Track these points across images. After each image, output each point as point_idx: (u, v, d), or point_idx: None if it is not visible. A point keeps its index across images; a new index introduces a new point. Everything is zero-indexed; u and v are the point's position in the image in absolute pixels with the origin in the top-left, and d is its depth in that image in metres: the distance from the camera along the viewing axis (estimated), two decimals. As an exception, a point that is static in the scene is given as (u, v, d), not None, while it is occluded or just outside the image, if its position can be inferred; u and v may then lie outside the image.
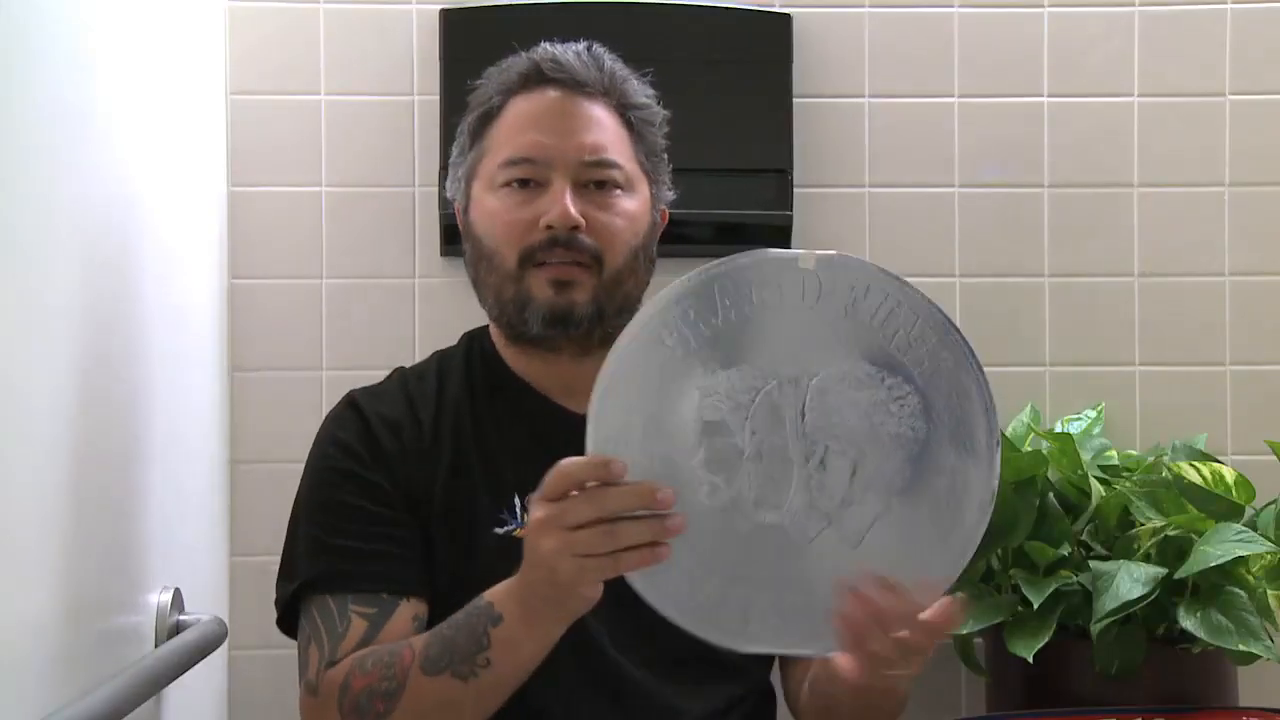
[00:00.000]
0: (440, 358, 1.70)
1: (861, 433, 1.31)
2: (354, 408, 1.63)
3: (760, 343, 1.31)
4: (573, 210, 1.56)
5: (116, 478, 1.60)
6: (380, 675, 1.47)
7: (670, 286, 1.30)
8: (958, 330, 1.32)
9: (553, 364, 1.62)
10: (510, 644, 1.41)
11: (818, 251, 1.32)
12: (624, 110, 1.63)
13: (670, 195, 1.69)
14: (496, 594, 1.43)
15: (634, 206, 1.61)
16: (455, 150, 1.67)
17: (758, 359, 1.31)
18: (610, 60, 1.64)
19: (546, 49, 1.63)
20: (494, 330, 1.67)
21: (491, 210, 1.60)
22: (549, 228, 1.56)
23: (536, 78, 1.61)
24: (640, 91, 1.65)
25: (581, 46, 1.64)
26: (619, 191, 1.60)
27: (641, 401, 1.31)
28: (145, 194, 1.71)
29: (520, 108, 1.61)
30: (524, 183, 1.58)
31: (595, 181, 1.59)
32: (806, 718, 1.64)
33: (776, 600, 1.33)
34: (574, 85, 1.61)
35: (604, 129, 1.61)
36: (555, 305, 1.56)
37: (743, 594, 1.33)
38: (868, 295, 1.31)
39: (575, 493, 1.29)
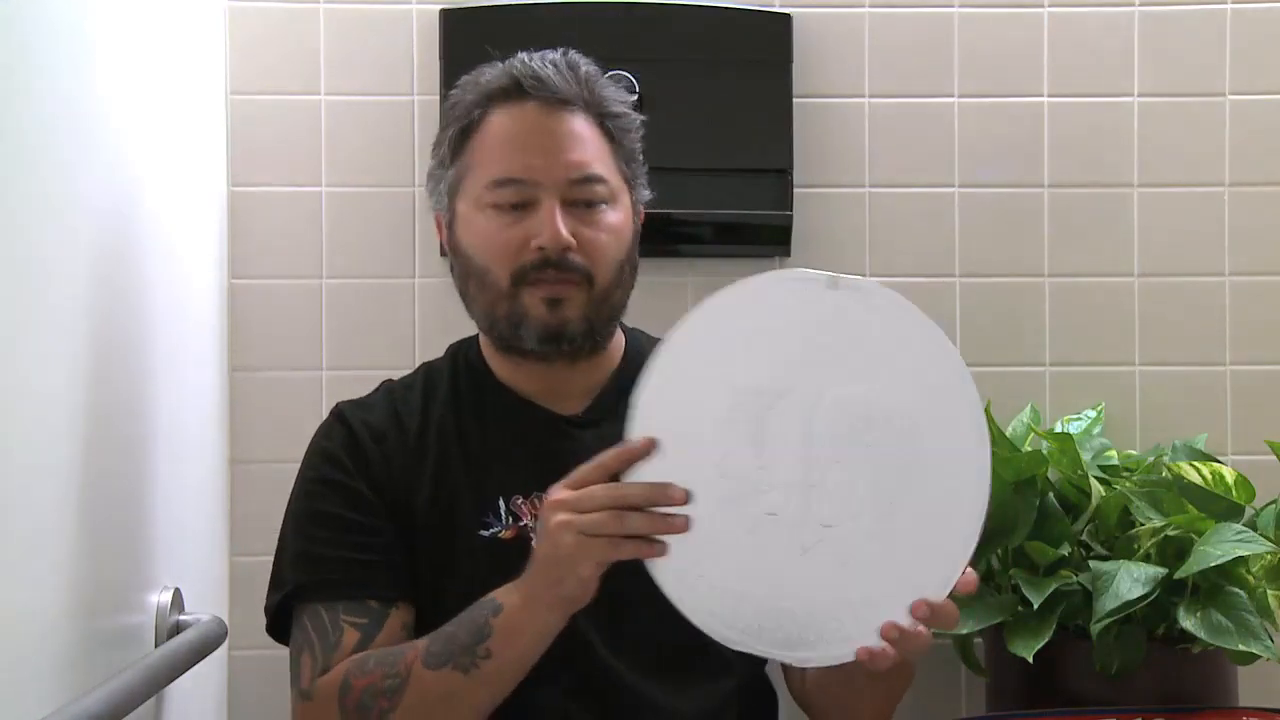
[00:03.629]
0: (427, 369, 1.72)
1: (861, 456, 1.36)
2: (340, 419, 1.66)
3: (788, 354, 1.37)
4: (564, 232, 1.57)
5: (117, 478, 1.60)
6: (383, 674, 1.49)
7: (718, 296, 1.39)
8: (965, 370, 1.37)
9: (540, 371, 1.64)
10: (509, 632, 1.45)
11: (846, 275, 1.39)
12: (602, 120, 1.63)
13: (647, 196, 1.69)
14: (500, 590, 1.47)
15: (618, 219, 1.62)
16: (434, 161, 1.67)
17: (784, 369, 1.37)
18: (586, 66, 1.63)
19: (524, 61, 1.62)
20: (484, 339, 1.68)
21: (481, 230, 1.60)
22: (540, 249, 1.57)
23: (515, 91, 1.61)
24: (616, 98, 1.65)
25: (558, 55, 1.63)
26: (604, 206, 1.61)
27: (680, 397, 1.37)
28: (145, 194, 1.71)
29: (501, 123, 1.61)
30: (514, 204, 1.59)
31: (582, 199, 1.60)
32: (812, 702, 1.65)
33: (772, 606, 1.38)
34: (554, 100, 1.60)
35: (586, 144, 1.61)
36: (548, 323, 1.59)
37: (747, 598, 1.38)
38: (895, 325, 1.37)
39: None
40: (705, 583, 1.38)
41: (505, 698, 1.50)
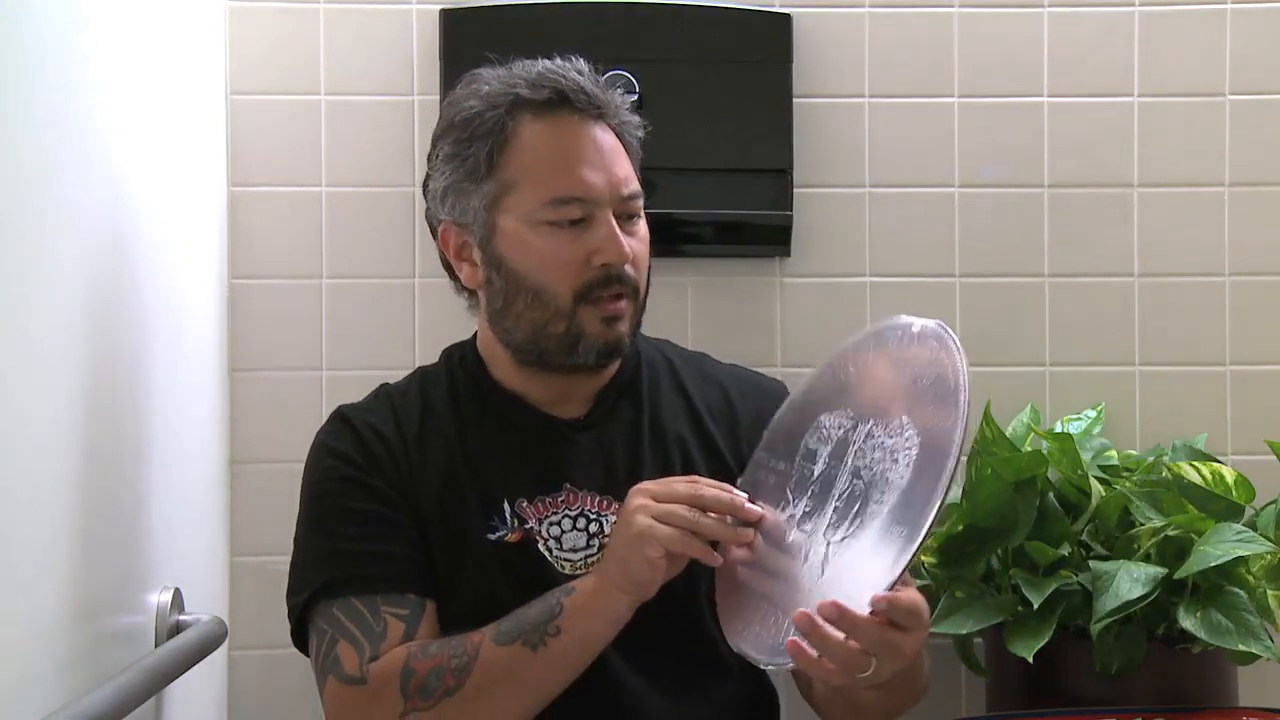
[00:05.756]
0: (423, 374, 1.72)
1: (878, 475, 1.43)
2: (344, 421, 1.65)
3: (866, 388, 1.51)
4: (627, 248, 1.59)
5: (117, 478, 1.60)
6: (449, 654, 1.51)
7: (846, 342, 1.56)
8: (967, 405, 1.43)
9: (559, 381, 1.64)
10: (579, 611, 1.50)
11: (928, 322, 1.49)
12: (620, 129, 1.63)
13: None
14: (579, 579, 1.53)
15: (646, 228, 1.65)
16: (453, 171, 1.62)
17: (857, 402, 1.50)
18: (596, 75, 1.63)
19: (557, 71, 1.60)
20: (489, 346, 1.67)
21: (539, 248, 1.58)
22: (604, 265, 1.58)
23: (559, 103, 1.59)
24: (625, 105, 1.65)
25: (585, 67, 1.63)
26: (640, 218, 1.63)
27: (795, 418, 1.56)
28: (145, 194, 1.71)
29: (543, 136, 1.59)
30: (574, 221, 1.58)
31: (627, 214, 1.61)
32: (823, 705, 1.66)
33: (767, 610, 1.45)
34: (591, 112, 1.60)
35: (624, 158, 1.62)
36: (607, 340, 1.60)
37: (753, 601, 1.48)
38: (930, 367, 1.45)
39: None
40: (740, 585, 1.49)
41: (563, 687, 1.51)
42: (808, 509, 1.47)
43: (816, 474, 1.49)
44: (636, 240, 1.61)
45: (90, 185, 1.53)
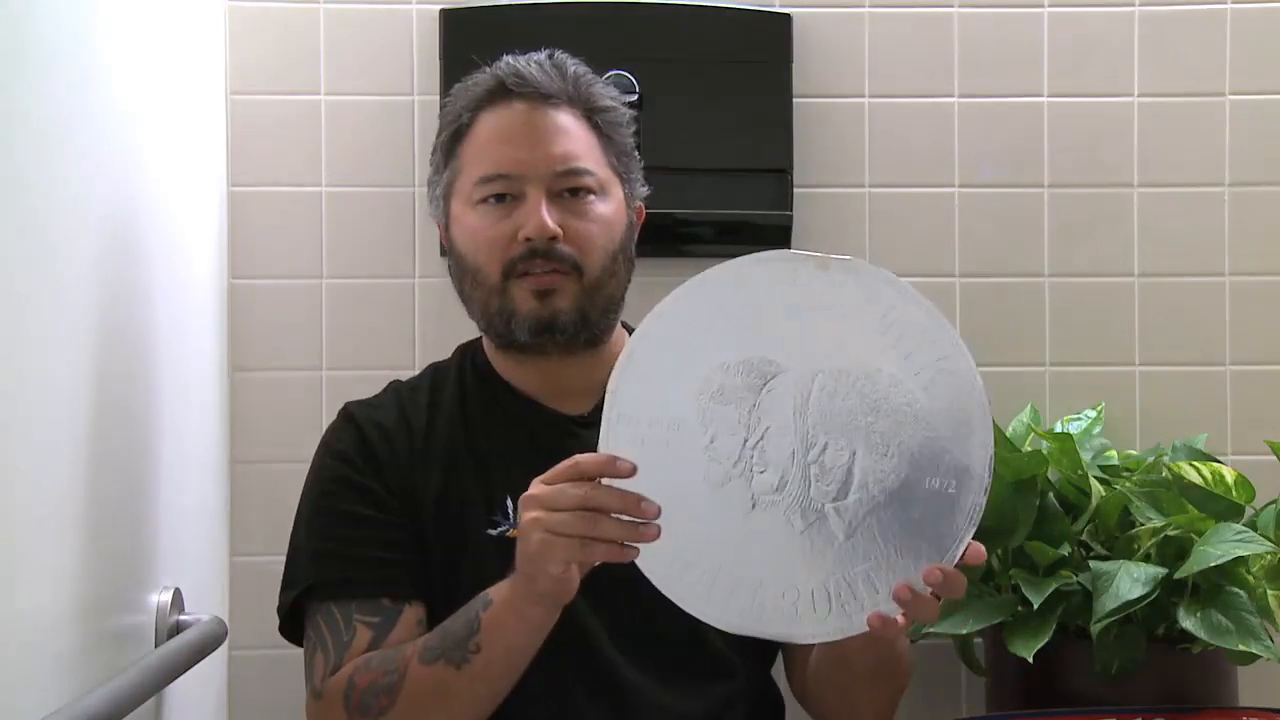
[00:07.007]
0: (434, 369, 1.74)
1: (860, 432, 1.36)
2: (349, 419, 1.67)
3: (777, 334, 1.37)
4: (549, 221, 1.59)
5: (117, 478, 1.60)
6: (383, 671, 1.51)
7: (700, 279, 1.38)
8: (964, 347, 1.36)
9: (541, 368, 1.65)
10: (497, 627, 1.46)
11: (835, 256, 1.38)
12: (590, 115, 1.65)
13: (644, 191, 1.71)
14: (496, 585, 1.48)
15: (608, 210, 1.64)
16: (431, 169, 1.70)
17: (774, 349, 1.36)
18: (573, 65, 1.66)
19: (509, 62, 1.65)
20: (486, 339, 1.70)
21: (471, 227, 1.63)
22: (528, 240, 1.59)
23: (501, 93, 1.64)
24: (605, 94, 1.67)
25: (543, 56, 1.66)
26: (593, 197, 1.63)
27: (660, 380, 1.36)
28: (146, 194, 1.71)
29: (489, 123, 1.64)
30: (500, 197, 1.61)
31: (569, 190, 1.62)
32: (815, 702, 1.66)
33: (773, 586, 1.38)
34: (538, 97, 1.63)
35: (572, 137, 1.63)
36: (540, 314, 1.60)
37: (745, 581, 1.38)
38: (885, 305, 1.36)
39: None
40: (697, 570, 1.37)
41: (503, 696, 1.50)
42: (776, 477, 1.37)
43: (752, 433, 1.37)
44: (579, 218, 1.61)
45: (91, 185, 1.53)
